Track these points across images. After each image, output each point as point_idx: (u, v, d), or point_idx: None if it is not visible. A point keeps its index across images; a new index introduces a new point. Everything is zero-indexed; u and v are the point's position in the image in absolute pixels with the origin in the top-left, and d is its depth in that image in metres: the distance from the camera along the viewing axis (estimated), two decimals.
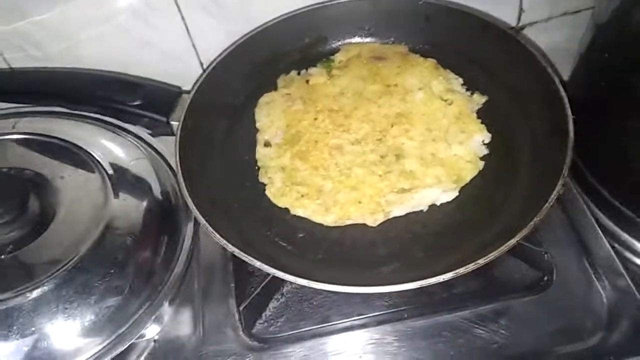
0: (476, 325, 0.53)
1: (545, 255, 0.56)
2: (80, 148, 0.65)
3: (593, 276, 0.55)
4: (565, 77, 0.92)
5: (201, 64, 0.78)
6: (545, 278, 0.55)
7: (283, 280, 0.52)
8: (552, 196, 0.48)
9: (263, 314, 0.55)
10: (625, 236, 0.67)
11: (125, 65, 0.75)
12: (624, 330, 0.52)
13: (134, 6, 0.70)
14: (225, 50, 0.68)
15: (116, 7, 0.69)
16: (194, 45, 0.76)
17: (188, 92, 0.64)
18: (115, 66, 0.75)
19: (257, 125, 0.65)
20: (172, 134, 0.63)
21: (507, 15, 0.82)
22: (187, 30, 0.74)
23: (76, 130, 0.68)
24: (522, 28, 0.85)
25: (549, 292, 0.54)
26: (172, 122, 0.62)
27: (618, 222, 0.67)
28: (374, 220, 0.55)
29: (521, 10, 0.82)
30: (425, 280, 0.45)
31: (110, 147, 0.68)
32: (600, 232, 0.59)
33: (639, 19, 0.60)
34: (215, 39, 0.73)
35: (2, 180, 0.59)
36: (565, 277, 0.55)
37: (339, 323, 0.54)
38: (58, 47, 0.72)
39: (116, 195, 0.60)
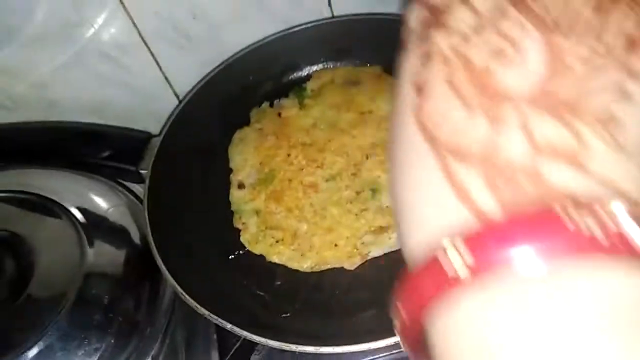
0: None
1: None
2: (53, 201, 0.63)
3: None
4: None
5: (177, 97, 0.76)
6: None
7: None
8: None
9: None
10: None
11: (100, 107, 0.74)
12: None
13: (101, 47, 0.69)
14: (193, 87, 0.66)
15: (84, 49, 0.68)
16: (167, 80, 0.75)
17: (154, 135, 0.63)
18: (90, 109, 0.74)
19: (231, 165, 0.63)
20: (142, 182, 0.62)
21: None
22: (159, 65, 0.72)
23: (48, 182, 0.66)
24: None
25: None
26: (141, 171, 0.60)
27: None
28: (351, 263, 0.53)
29: None
30: None
31: (84, 197, 0.66)
32: None
33: None
34: (189, 71, 0.72)
35: None
36: None
37: None
38: (27, 93, 0.71)
39: (91, 246, 0.59)
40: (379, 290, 0.52)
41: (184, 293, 0.49)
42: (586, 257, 0.16)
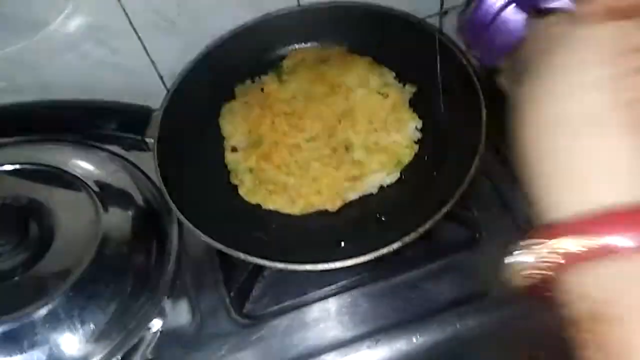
0: (425, 281, 0.65)
1: (475, 216, 0.68)
2: (63, 170, 0.72)
3: (514, 228, 0.68)
4: None
5: (161, 77, 0.85)
6: (477, 235, 0.68)
7: (263, 266, 0.62)
8: (472, 171, 0.59)
9: (250, 296, 0.65)
10: None
11: (91, 87, 0.81)
12: None
13: (94, 33, 0.76)
14: (186, 67, 0.75)
15: (77, 36, 0.75)
16: (152, 62, 0.83)
17: (155, 109, 0.72)
18: (82, 90, 0.81)
19: (223, 133, 0.74)
20: (148, 150, 0.71)
21: (430, 2, 0.92)
22: (145, 48, 0.80)
23: (50, 154, 0.74)
24: (446, 12, 0.95)
25: (480, 246, 0.66)
26: (147, 139, 0.70)
27: None
28: (333, 205, 0.66)
29: None
30: (378, 251, 0.56)
31: (87, 165, 0.75)
32: (518, 190, 0.71)
33: None
34: (171, 53, 0.81)
35: (2, 210, 0.66)
36: (492, 233, 0.67)
37: (315, 294, 0.65)
38: (24, 79, 0.77)
39: (105, 210, 0.68)
40: (356, 226, 0.65)
41: (200, 232, 0.59)
42: None
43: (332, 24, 0.80)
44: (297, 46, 0.82)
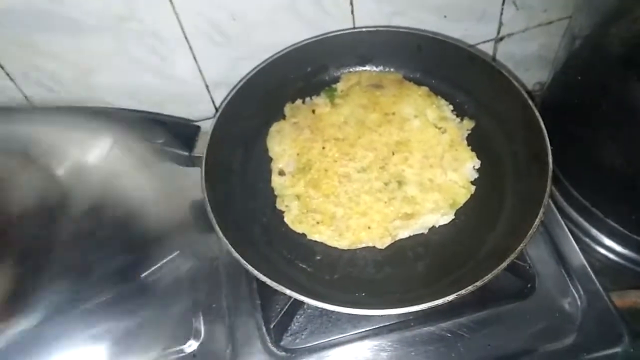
0: (472, 330, 0.62)
1: (528, 266, 0.65)
2: None
3: (569, 282, 0.65)
4: (537, 80, 1.01)
5: (206, 87, 0.83)
6: (529, 286, 0.64)
7: None
8: (536, 223, 0.57)
9: (289, 328, 0.63)
10: (594, 231, 0.77)
11: (136, 91, 0.80)
12: (595, 328, 0.61)
13: (145, 39, 0.74)
14: (238, 84, 0.73)
15: (128, 40, 0.74)
16: (200, 71, 0.81)
17: (198, 120, 0.70)
18: (127, 92, 0.80)
19: (270, 154, 0.72)
20: (193, 165, 0.69)
21: (488, 28, 0.89)
22: (195, 57, 0.79)
23: None
24: (501, 39, 0.93)
25: (532, 298, 0.63)
26: (194, 155, 0.68)
27: (588, 219, 0.77)
28: (382, 243, 0.63)
29: (500, 24, 0.89)
30: (431, 302, 0.53)
31: None
32: (574, 243, 0.68)
33: (615, 32, 0.65)
34: (220, 64, 0.80)
35: None
36: (545, 285, 0.64)
37: (355, 333, 0.63)
38: (72, 77, 0.76)
39: None
40: (404, 267, 0.63)
41: (246, 263, 0.57)
42: None
43: (387, 49, 0.77)
44: (350, 69, 0.79)
